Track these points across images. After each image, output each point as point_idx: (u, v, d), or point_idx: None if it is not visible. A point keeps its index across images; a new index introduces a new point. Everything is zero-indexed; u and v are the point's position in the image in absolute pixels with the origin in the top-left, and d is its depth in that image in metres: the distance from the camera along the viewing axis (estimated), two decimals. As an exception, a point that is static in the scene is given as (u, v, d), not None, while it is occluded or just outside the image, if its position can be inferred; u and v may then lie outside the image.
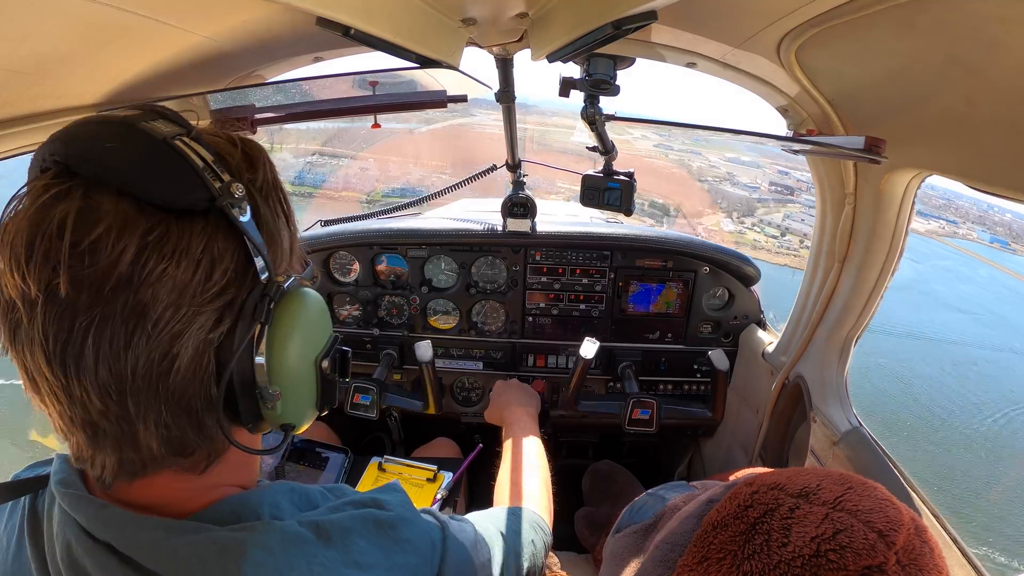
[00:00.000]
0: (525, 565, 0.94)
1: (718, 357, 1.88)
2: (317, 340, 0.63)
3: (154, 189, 0.49)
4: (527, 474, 1.28)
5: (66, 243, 0.46)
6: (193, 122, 0.56)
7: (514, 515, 1.04)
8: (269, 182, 0.60)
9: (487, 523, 0.93)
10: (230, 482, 0.63)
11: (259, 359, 0.56)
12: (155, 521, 0.55)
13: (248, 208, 0.53)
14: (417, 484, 1.76)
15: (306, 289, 0.63)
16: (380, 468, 1.81)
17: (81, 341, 0.47)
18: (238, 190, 0.52)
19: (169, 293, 0.49)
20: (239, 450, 0.61)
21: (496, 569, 0.85)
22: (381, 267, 2.22)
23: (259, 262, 0.54)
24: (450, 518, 0.83)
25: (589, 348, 1.83)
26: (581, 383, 1.95)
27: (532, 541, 0.99)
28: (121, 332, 0.48)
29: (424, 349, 1.89)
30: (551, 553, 1.74)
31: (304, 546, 0.58)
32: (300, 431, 0.66)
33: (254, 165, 0.59)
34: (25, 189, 0.49)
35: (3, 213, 0.49)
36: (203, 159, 0.52)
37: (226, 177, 0.52)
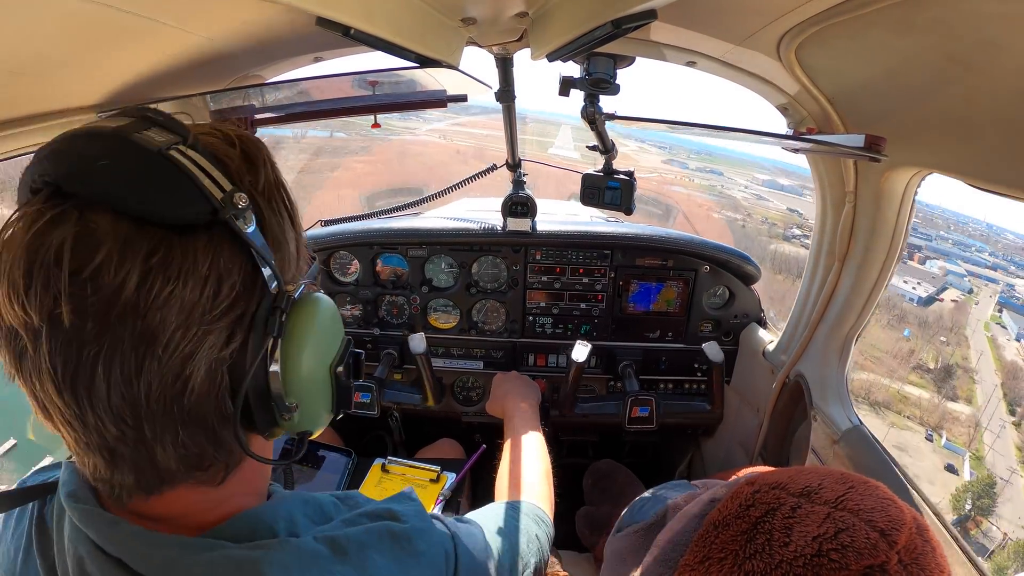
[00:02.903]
0: (532, 561, 0.94)
1: (712, 350, 1.87)
2: (331, 347, 0.61)
3: (152, 206, 0.47)
4: (527, 466, 1.28)
5: (65, 272, 0.44)
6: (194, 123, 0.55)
7: (515, 511, 1.03)
8: (272, 183, 0.57)
9: (491, 523, 0.93)
10: (243, 491, 0.62)
11: (274, 368, 0.55)
12: (169, 538, 0.53)
13: (252, 216, 0.51)
14: (420, 485, 1.76)
15: (317, 295, 0.61)
16: (383, 469, 1.81)
17: (91, 370, 0.46)
18: (241, 200, 0.50)
19: (178, 315, 0.47)
20: (254, 460, 0.59)
21: (505, 570, 0.85)
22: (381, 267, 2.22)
23: (267, 272, 0.52)
24: (457, 522, 0.83)
25: (581, 351, 1.82)
26: (576, 387, 1.95)
27: (536, 536, 1.00)
28: (131, 358, 0.46)
29: (417, 342, 1.89)
30: (553, 550, 1.74)
31: (320, 562, 0.57)
32: (316, 435, 0.65)
33: (255, 166, 0.56)
34: (18, 214, 0.47)
35: None
36: (202, 168, 0.49)
37: (228, 186, 0.50)
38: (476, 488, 2.06)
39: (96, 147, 0.48)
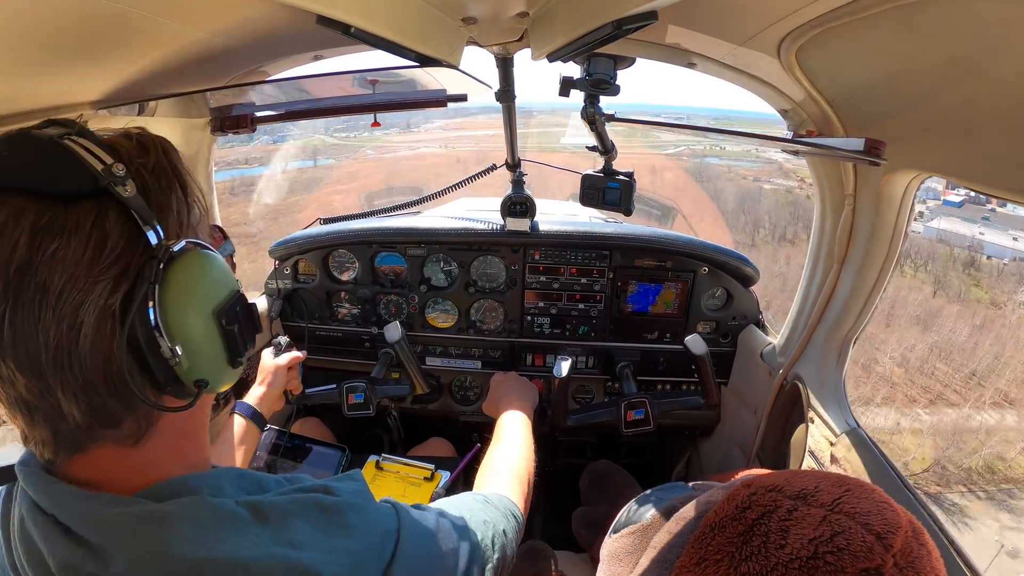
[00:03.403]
0: (495, 555, 0.92)
1: (694, 342, 1.83)
2: (212, 295, 0.65)
3: (42, 182, 0.55)
4: (508, 464, 1.28)
5: None
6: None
7: (485, 502, 1.03)
8: (162, 164, 0.64)
9: (455, 511, 0.92)
10: (173, 460, 0.66)
11: (156, 318, 0.59)
12: (94, 495, 0.58)
13: (134, 184, 0.58)
14: (414, 483, 1.75)
15: (203, 250, 0.65)
16: (378, 466, 1.81)
17: (0, 325, 0.53)
18: (119, 170, 0.57)
19: (65, 268, 0.53)
20: (176, 422, 0.64)
21: (463, 558, 0.83)
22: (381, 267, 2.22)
23: (147, 230, 0.58)
24: (412, 507, 0.83)
25: (562, 367, 1.80)
26: (565, 400, 1.93)
27: (503, 530, 0.98)
28: (30, 310, 0.53)
29: (391, 330, 1.87)
30: (552, 552, 1.75)
31: (236, 523, 0.60)
32: (220, 389, 0.68)
33: (146, 151, 0.63)
34: None
35: None
36: (87, 149, 0.57)
37: (109, 160, 0.57)
38: (469, 487, 2.07)
39: (3, 144, 0.56)
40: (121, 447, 0.61)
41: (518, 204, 2.05)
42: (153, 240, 0.59)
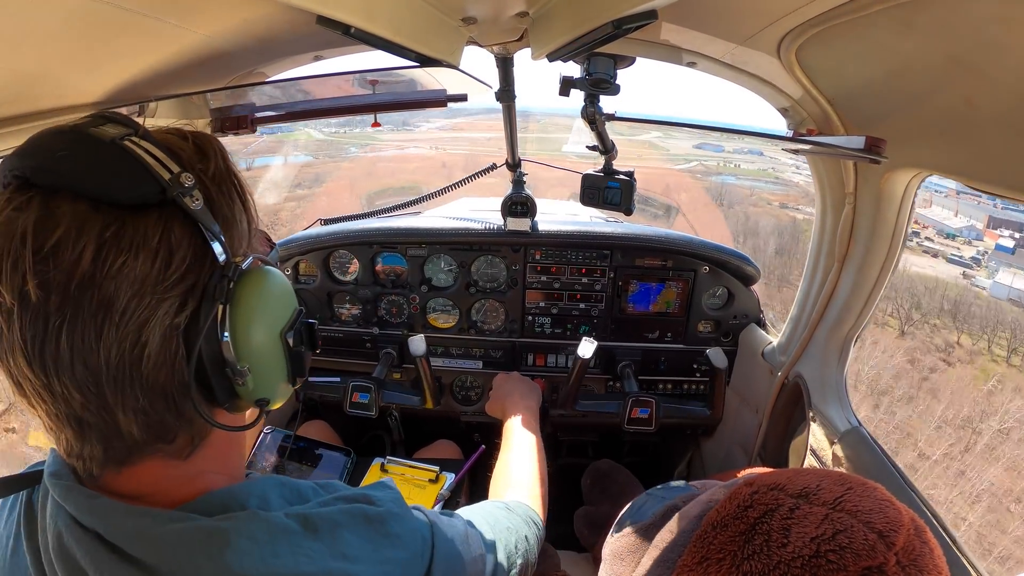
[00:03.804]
0: (518, 561, 0.94)
1: (716, 356, 1.88)
2: (280, 315, 0.64)
3: (106, 188, 0.51)
4: (523, 468, 1.29)
5: (29, 250, 0.48)
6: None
7: (507, 510, 1.04)
8: (221, 170, 0.62)
9: (479, 519, 0.94)
10: (215, 470, 0.65)
11: (226, 338, 0.58)
12: (142, 510, 0.56)
13: (201, 196, 0.55)
14: (419, 485, 1.76)
15: (267, 267, 0.64)
16: (383, 469, 1.81)
17: (56, 340, 0.50)
18: (188, 180, 0.54)
19: (131, 284, 0.51)
20: (222, 434, 0.63)
21: (489, 564, 0.85)
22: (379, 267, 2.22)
23: (216, 246, 0.56)
24: (440, 514, 0.84)
25: (587, 348, 1.83)
26: (579, 383, 1.96)
27: (525, 536, 1.00)
28: (91, 327, 0.50)
29: (417, 343, 1.89)
30: (555, 552, 1.75)
31: (290, 537, 0.59)
32: (275, 406, 0.67)
33: (205, 155, 0.61)
34: None
35: None
36: (152, 155, 0.54)
37: (176, 169, 0.54)
38: (475, 488, 2.07)
39: (57, 141, 0.52)
40: (170, 460, 0.60)
41: (519, 204, 2.05)
42: (219, 254, 0.57)
